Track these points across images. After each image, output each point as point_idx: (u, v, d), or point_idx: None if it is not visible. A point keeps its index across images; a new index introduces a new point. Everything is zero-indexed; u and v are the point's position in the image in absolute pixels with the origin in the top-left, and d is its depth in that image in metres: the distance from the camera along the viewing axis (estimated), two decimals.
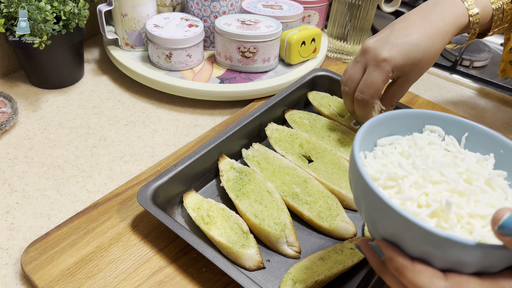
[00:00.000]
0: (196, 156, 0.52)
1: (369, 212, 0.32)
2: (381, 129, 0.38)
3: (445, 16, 0.53)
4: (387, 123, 0.38)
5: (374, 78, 0.52)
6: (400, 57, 0.51)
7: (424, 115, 0.39)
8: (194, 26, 0.72)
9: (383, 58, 0.51)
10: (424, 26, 0.53)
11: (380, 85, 0.52)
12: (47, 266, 0.44)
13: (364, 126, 0.36)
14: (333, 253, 0.46)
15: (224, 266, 0.41)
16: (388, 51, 0.52)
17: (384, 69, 0.52)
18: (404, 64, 0.52)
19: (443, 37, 0.53)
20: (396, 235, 0.30)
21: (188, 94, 0.69)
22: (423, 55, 0.52)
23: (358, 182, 0.32)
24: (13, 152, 0.60)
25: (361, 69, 0.54)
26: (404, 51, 0.52)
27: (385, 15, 1.08)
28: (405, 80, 0.54)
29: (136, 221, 0.50)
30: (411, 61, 0.52)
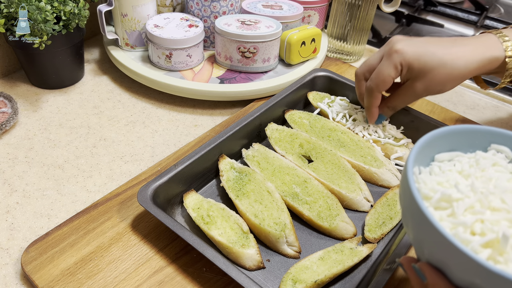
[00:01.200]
0: (196, 156, 0.52)
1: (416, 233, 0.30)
2: (442, 143, 0.35)
3: (475, 44, 0.52)
4: (448, 138, 0.35)
5: (383, 67, 0.53)
6: (412, 54, 0.51)
7: (491, 132, 0.35)
8: (194, 26, 0.72)
9: (396, 49, 0.52)
10: (450, 44, 0.52)
11: (386, 75, 0.52)
12: (47, 266, 0.44)
13: (422, 139, 0.33)
14: (333, 253, 0.46)
15: (224, 266, 0.41)
16: (403, 45, 0.52)
17: (393, 60, 0.52)
18: (413, 64, 0.51)
19: (467, 60, 0.51)
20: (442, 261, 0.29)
21: (188, 94, 0.69)
22: (436, 65, 0.51)
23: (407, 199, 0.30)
24: (13, 152, 0.60)
25: (378, 56, 0.55)
26: (418, 52, 0.51)
27: (385, 15, 1.08)
28: (411, 85, 0.54)
29: (136, 221, 0.50)
30: (421, 64, 0.51)
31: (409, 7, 1.11)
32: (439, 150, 0.35)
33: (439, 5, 1.11)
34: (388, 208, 0.52)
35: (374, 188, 0.56)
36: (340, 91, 0.69)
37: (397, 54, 0.52)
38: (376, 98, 0.56)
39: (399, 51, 0.52)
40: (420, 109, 0.71)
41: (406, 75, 0.53)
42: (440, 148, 0.35)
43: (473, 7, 1.12)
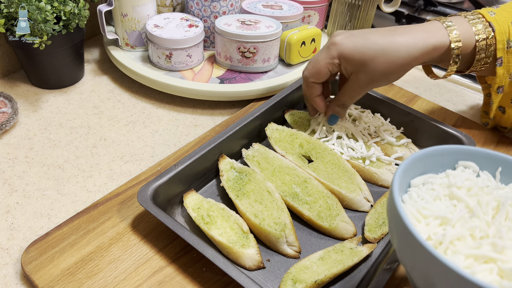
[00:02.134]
0: (196, 156, 0.52)
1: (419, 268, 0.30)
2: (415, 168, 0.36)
3: (418, 31, 0.51)
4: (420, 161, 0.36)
5: (318, 57, 0.52)
6: (351, 46, 0.50)
7: (456, 151, 0.37)
8: (194, 26, 0.72)
9: (333, 41, 0.51)
10: (392, 33, 0.51)
11: (321, 66, 0.52)
12: (47, 266, 0.44)
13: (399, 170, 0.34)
14: (333, 253, 0.46)
15: (224, 266, 0.41)
16: (342, 38, 0.51)
17: (330, 51, 0.51)
18: (352, 55, 0.50)
19: (409, 47, 0.50)
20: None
21: (188, 94, 0.69)
22: (375, 54, 0.49)
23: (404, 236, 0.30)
24: (13, 152, 0.60)
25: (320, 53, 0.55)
26: (357, 43, 0.50)
27: (385, 15, 1.08)
28: (355, 78, 0.52)
29: (136, 221, 0.50)
30: (360, 55, 0.50)
31: (409, 7, 1.11)
32: (413, 175, 0.37)
33: (439, 5, 1.11)
34: None
35: (374, 188, 0.56)
36: None
37: (334, 46, 0.51)
38: (313, 88, 0.54)
39: (336, 43, 0.51)
40: (420, 109, 0.71)
41: (348, 69, 0.52)
42: (414, 173, 0.37)
43: (473, 7, 1.12)
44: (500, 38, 0.54)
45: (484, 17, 0.54)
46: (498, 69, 0.55)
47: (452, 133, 0.59)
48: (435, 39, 0.51)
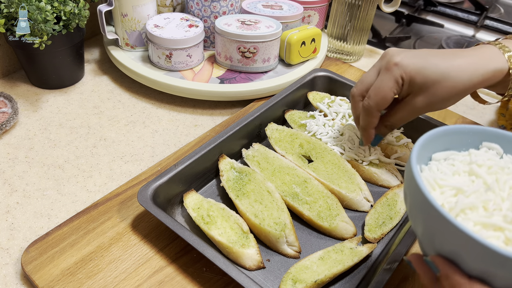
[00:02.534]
0: (196, 156, 0.52)
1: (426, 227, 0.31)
2: (438, 143, 0.36)
3: (480, 56, 0.49)
4: (444, 137, 0.36)
5: (382, 83, 0.48)
6: (413, 67, 0.47)
7: (482, 131, 0.37)
8: (194, 26, 0.72)
9: (395, 62, 0.48)
10: (452, 56, 0.48)
11: (387, 91, 0.48)
12: (47, 266, 0.45)
13: (422, 138, 0.34)
14: (333, 253, 0.46)
15: (224, 266, 0.41)
16: (402, 57, 0.48)
17: (393, 74, 0.48)
18: (415, 77, 0.47)
19: (471, 73, 0.48)
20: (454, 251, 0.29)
21: (188, 94, 0.69)
22: (439, 78, 0.47)
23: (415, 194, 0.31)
24: (14, 152, 0.60)
25: (374, 73, 0.51)
26: (419, 64, 0.47)
27: (385, 15, 1.08)
28: (411, 101, 0.49)
29: (136, 221, 0.50)
30: (423, 77, 0.47)
31: (409, 7, 1.11)
32: (435, 149, 0.37)
33: (439, 5, 1.11)
34: (388, 208, 0.52)
35: (374, 188, 0.56)
36: (340, 91, 0.69)
37: (397, 67, 0.48)
38: (375, 118, 0.51)
39: (399, 64, 0.48)
40: None
41: (407, 90, 0.49)
42: (436, 147, 0.37)
43: (473, 7, 1.12)
44: None
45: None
46: None
47: None
48: (495, 65, 0.49)
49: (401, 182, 0.57)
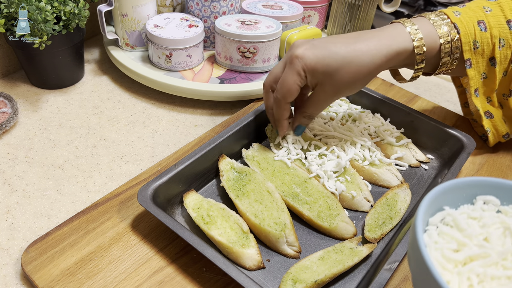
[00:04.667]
0: (196, 156, 0.52)
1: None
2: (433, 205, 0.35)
3: (381, 36, 0.50)
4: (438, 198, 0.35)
5: (286, 76, 0.50)
6: (314, 58, 0.48)
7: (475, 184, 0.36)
8: (194, 26, 0.72)
9: (296, 55, 0.49)
10: (353, 40, 0.49)
11: (291, 84, 0.49)
12: (47, 266, 0.44)
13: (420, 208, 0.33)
14: (333, 253, 0.46)
15: (224, 266, 0.41)
16: (303, 49, 0.49)
17: (295, 67, 0.49)
18: (316, 68, 0.48)
19: (372, 55, 0.49)
20: None
21: (188, 94, 0.69)
22: (340, 65, 0.48)
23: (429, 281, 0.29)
24: (13, 152, 0.60)
25: (282, 65, 0.52)
26: (319, 54, 0.48)
27: (385, 15, 1.08)
28: (320, 90, 0.51)
29: (136, 221, 0.50)
30: (325, 67, 0.48)
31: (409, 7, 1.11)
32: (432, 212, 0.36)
33: (439, 5, 1.11)
34: (388, 208, 0.52)
35: (374, 188, 0.56)
36: None
37: (298, 60, 0.49)
38: (285, 110, 0.52)
39: (299, 57, 0.49)
40: (420, 109, 0.71)
41: (313, 80, 0.50)
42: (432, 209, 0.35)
43: None
44: (465, 40, 0.52)
45: (449, 18, 0.53)
46: (468, 71, 0.54)
47: (452, 133, 0.59)
48: (398, 45, 0.50)
49: (401, 182, 0.57)
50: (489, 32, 0.53)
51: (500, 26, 0.53)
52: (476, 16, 0.53)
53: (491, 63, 0.54)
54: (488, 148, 0.64)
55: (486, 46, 0.53)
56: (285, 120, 0.54)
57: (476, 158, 0.62)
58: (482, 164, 0.61)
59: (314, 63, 0.48)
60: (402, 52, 0.50)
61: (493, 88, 0.57)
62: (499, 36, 0.53)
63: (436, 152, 0.62)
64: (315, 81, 0.51)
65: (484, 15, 0.53)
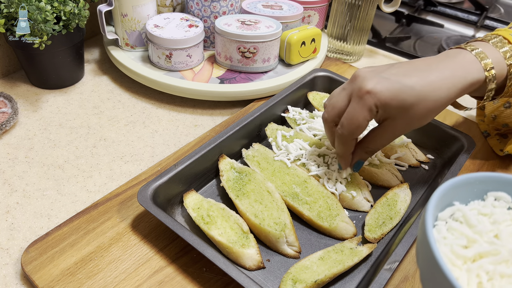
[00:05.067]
0: (196, 156, 0.52)
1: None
2: (443, 200, 0.35)
3: (454, 67, 0.47)
4: (449, 193, 0.35)
5: (355, 112, 0.46)
6: (388, 94, 0.45)
7: (487, 179, 0.35)
8: (194, 26, 0.72)
9: (367, 90, 0.45)
10: (428, 72, 0.46)
11: (361, 121, 0.46)
12: (47, 266, 0.44)
13: (430, 203, 0.33)
14: (333, 253, 0.46)
15: (224, 266, 0.41)
16: (375, 83, 0.45)
17: (367, 102, 0.45)
18: (390, 104, 0.45)
19: (448, 89, 0.46)
20: None
21: (188, 94, 0.69)
22: (416, 100, 0.45)
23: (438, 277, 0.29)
24: (13, 152, 0.60)
25: (345, 97, 0.48)
26: (394, 89, 0.45)
27: (385, 15, 1.08)
28: (390, 125, 0.47)
29: (136, 221, 0.50)
30: (399, 102, 0.45)
31: (409, 7, 1.11)
32: (441, 207, 0.35)
33: (439, 5, 1.11)
34: (388, 208, 0.52)
35: (374, 188, 0.56)
36: None
37: (370, 96, 0.45)
38: (351, 146, 0.49)
39: (371, 92, 0.45)
40: None
41: (383, 115, 0.47)
42: (442, 204, 0.35)
43: (473, 7, 1.12)
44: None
45: (507, 40, 0.50)
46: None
47: (452, 133, 0.59)
48: (472, 75, 0.47)
49: (401, 182, 0.56)
50: None
51: None
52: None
53: None
54: (488, 148, 0.64)
55: None
56: (349, 155, 0.50)
57: (476, 158, 0.62)
58: (482, 164, 0.61)
59: (389, 99, 0.45)
60: (476, 83, 0.48)
61: None
62: None
63: (436, 152, 0.62)
64: (385, 116, 0.47)
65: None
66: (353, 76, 0.48)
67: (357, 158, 0.52)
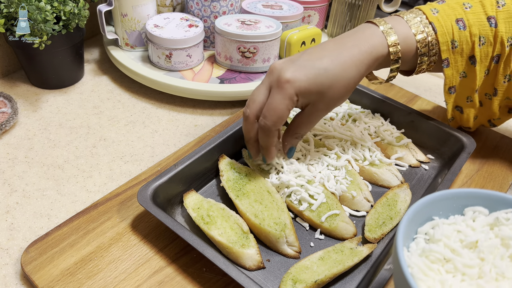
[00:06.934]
0: (196, 156, 0.52)
1: None
2: (421, 214, 0.36)
3: (361, 44, 0.49)
4: (425, 209, 0.36)
5: (277, 102, 0.46)
6: (306, 79, 0.46)
7: (465, 195, 0.36)
8: (194, 26, 0.72)
9: (286, 79, 0.46)
10: (337, 53, 0.48)
11: (283, 110, 0.46)
12: (47, 266, 0.44)
13: (405, 218, 0.33)
14: (333, 253, 0.46)
15: (224, 266, 0.41)
16: (292, 72, 0.46)
17: (287, 91, 0.46)
18: (309, 89, 0.46)
19: (357, 66, 0.48)
20: None
21: (188, 94, 0.69)
22: (332, 81, 0.47)
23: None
24: (13, 152, 0.60)
25: (265, 90, 0.48)
26: (310, 75, 0.46)
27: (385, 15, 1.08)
28: (313, 110, 0.49)
29: (136, 221, 0.50)
30: (318, 86, 0.47)
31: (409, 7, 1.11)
32: (421, 222, 0.36)
33: None
34: (388, 208, 0.52)
35: (374, 188, 0.56)
36: None
37: (290, 84, 0.46)
38: (275, 136, 0.49)
39: (291, 81, 0.46)
40: (420, 109, 0.71)
41: (304, 101, 0.48)
42: (421, 218, 0.36)
43: None
44: (443, 40, 0.52)
45: (426, 16, 0.52)
46: (445, 70, 0.54)
47: (452, 133, 0.59)
48: (377, 51, 0.49)
49: (401, 182, 0.56)
50: (468, 31, 0.52)
51: (480, 23, 0.52)
52: (455, 14, 0.52)
53: (471, 62, 0.54)
54: (488, 148, 0.64)
55: (465, 44, 0.52)
56: (273, 146, 0.51)
57: (476, 158, 0.62)
58: (482, 164, 0.61)
59: (308, 85, 0.46)
60: (380, 57, 0.50)
61: (473, 87, 0.56)
62: (479, 34, 0.52)
63: (436, 152, 0.62)
64: (306, 102, 0.49)
65: (464, 13, 0.52)
66: (270, 69, 0.48)
67: (289, 145, 0.53)
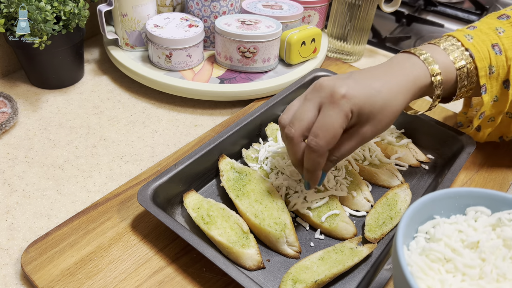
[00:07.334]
0: (196, 156, 0.52)
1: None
2: (422, 213, 0.35)
3: (406, 73, 0.47)
4: (426, 208, 0.35)
5: (332, 119, 0.42)
6: (362, 97, 0.43)
7: (467, 194, 0.36)
8: (194, 26, 0.72)
9: (342, 94, 0.43)
10: (387, 78, 0.46)
11: (337, 128, 0.42)
12: (47, 266, 0.44)
13: (406, 216, 0.33)
14: (333, 253, 0.46)
15: (224, 266, 0.41)
16: (348, 88, 0.43)
17: (343, 107, 0.42)
18: (363, 108, 0.43)
19: (404, 94, 0.46)
20: None
21: (188, 94, 0.69)
22: (383, 105, 0.44)
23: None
24: (13, 152, 0.60)
25: (313, 107, 0.44)
26: (366, 93, 0.44)
27: (385, 15, 1.08)
28: (359, 131, 0.45)
29: (136, 221, 0.50)
30: (371, 106, 0.44)
31: (409, 7, 1.11)
32: (422, 220, 0.36)
33: (439, 5, 1.11)
34: (388, 208, 0.52)
35: (374, 188, 0.56)
36: None
37: (346, 100, 0.42)
38: (325, 158, 0.45)
39: (347, 96, 0.42)
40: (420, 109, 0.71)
41: (353, 121, 0.45)
42: (422, 217, 0.36)
43: (473, 7, 1.12)
44: (481, 65, 0.51)
45: (462, 43, 0.51)
46: (484, 97, 0.53)
47: (452, 133, 0.59)
48: (421, 81, 0.48)
49: (401, 182, 0.56)
50: (504, 55, 0.51)
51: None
52: (490, 40, 0.52)
53: (505, 86, 0.52)
54: (488, 148, 0.64)
55: (502, 69, 0.52)
56: (320, 170, 0.46)
57: (476, 158, 0.62)
58: (482, 164, 0.61)
59: (363, 103, 0.43)
60: (424, 87, 0.49)
61: (502, 110, 0.55)
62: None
63: (436, 152, 0.62)
64: (354, 122, 0.45)
65: (498, 37, 0.52)
66: (316, 87, 0.45)
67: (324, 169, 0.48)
